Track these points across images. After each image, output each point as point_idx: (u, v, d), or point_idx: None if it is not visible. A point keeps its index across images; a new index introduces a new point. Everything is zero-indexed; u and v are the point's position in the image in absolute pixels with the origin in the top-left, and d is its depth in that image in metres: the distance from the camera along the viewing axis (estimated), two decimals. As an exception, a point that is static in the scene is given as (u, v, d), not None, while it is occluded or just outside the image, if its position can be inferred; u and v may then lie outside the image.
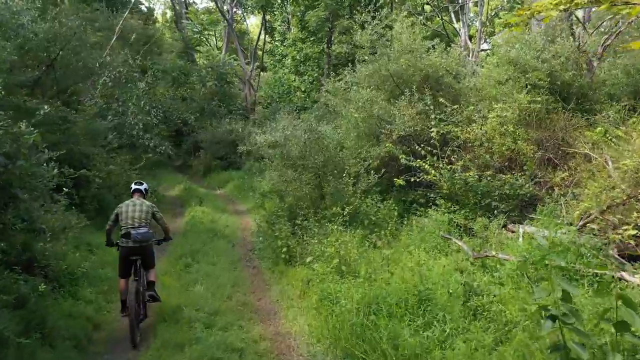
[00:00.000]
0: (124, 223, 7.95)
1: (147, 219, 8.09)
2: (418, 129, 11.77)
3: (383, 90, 13.32)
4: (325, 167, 11.44)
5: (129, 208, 8.07)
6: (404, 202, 12.49)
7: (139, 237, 7.77)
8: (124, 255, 7.84)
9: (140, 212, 8.07)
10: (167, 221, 8.45)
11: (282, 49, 36.58)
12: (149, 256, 8.12)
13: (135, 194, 8.51)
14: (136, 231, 7.80)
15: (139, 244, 7.81)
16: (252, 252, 12.60)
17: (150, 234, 8.00)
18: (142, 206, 8.17)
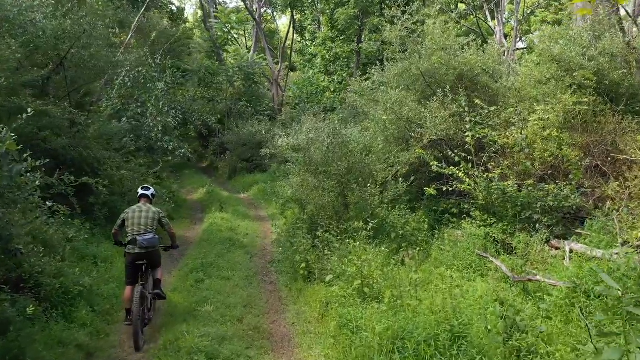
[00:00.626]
0: (130, 229, 7.89)
1: (153, 225, 8.05)
2: (451, 132, 10.78)
3: (413, 90, 12.34)
4: (349, 174, 10.51)
5: (135, 214, 8.01)
6: (434, 212, 11.52)
7: (145, 243, 7.77)
8: (130, 261, 7.81)
9: (147, 218, 8.02)
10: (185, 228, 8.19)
11: (312, 48, 35.76)
12: (155, 261, 8.14)
13: (141, 199, 8.46)
14: (142, 237, 7.80)
15: (145, 250, 7.81)
16: (270, 264, 11.74)
17: (157, 240, 7.99)
18: (149, 212, 8.11)
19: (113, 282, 9.31)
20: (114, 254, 10.55)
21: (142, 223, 7.91)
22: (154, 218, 8.10)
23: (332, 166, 10.57)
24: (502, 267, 7.74)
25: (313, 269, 9.27)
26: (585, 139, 10.35)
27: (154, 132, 16.22)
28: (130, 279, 7.77)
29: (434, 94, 11.56)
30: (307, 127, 14.58)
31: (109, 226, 11.77)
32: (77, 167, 11.90)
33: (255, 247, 13.50)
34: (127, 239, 7.90)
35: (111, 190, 12.23)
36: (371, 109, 13.69)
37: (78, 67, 12.33)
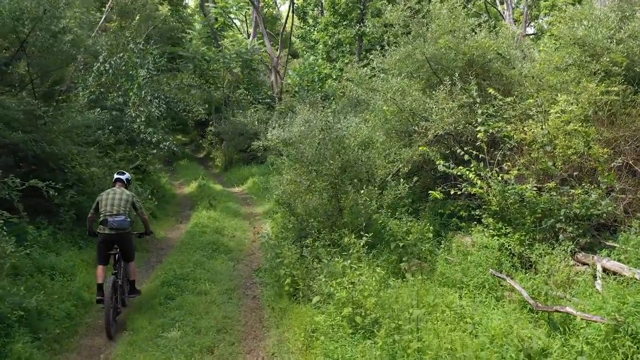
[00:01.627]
0: (103, 210, 7.98)
1: (126, 207, 8.10)
2: (460, 126, 9.43)
3: (417, 78, 10.97)
4: (343, 174, 9.19)
5: (109, 196, 8.12)
6: (440, 216, 10.20)
7: (115, 224, 7.83)
8: (100, 241, 7.96)
9: (120, 200, 8.10)
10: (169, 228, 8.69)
11: (314, 34, 34.34)
12: (127, 246, 8.19)
13: (116, 183, 8.54)
14: (113, 218, 7.87)
15: (116, 231, 7.89)
16: (256, 272, 10.47)
17: (128, 223, 8.01)
18: (122, 195, 8.20)
19: (70, 300, 8.05)
20: (76, 264, 9.32)
21: (114, 204, 8.00)
22: (127, 200, 8.17)
23: (323, 165, 9.25)
24: (523, 292, 6.44)
25: (299, 285, 7.99)
26: (614, 134, 9.03)
27: (136, 123, 14.97)
28: (101, 259, 7.96)
29: (441, 83, 10.22)
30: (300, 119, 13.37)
31: (76, 230, 10.60)
32: (41, 164, 10.68)
33: (242, 251, 12.24)
34: (99, 219, 7.96)
35: (80, 189, 10.99)
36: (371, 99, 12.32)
37: (43, 52, 11.00)
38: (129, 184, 8.78)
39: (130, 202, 8.22)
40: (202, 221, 13.96)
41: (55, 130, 10.99)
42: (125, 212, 8.04)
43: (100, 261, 7.96)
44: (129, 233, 8.17)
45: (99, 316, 8.12)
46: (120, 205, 8.04)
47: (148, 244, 12.19)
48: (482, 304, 6.77)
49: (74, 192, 10.68)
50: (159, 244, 12.55)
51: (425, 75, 10.86)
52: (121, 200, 8.10)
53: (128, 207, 8.15)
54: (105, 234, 7.90)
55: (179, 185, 22.37)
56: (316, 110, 15.58)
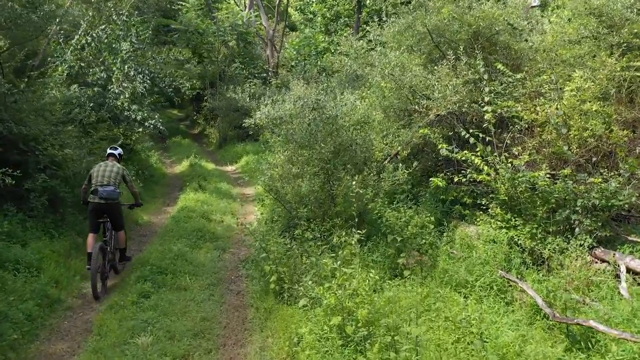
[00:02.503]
0: (94, 181, 8.48)
1: (116, 179, 8.61)
2: (464, 106, 8.56)
3: (418, 52, 10.06)
4: (336, 159, 8.33)
5: (101, 168, 8.63)
6: (442, 203, 9.39)
7: (104, 194, 8.32)
8: (91, 209, 8.47)
9: (111, 172, 8.61)
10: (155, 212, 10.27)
11: (312, 6, 33.23)
12: (116, 216, 8.75)
13: (109, 157, 9.06)
14: (103, 189, 8.36)
15: (105, 200, 8.38)
16: (243, 263, 9.69)
17: (117, 193, 8.54)
18: (113, 167, 8.71)
19: (33, 299, 7.26)
20: (45, 256, 8.50)
21: (105, 176, 8.50)
22: (118, 173, 8.68)
23: (314, 148, 8.40)
24: (538, 299, 5.65)
25: (286, 283, 7.20)
26: (635, 114, 8.20)
27: (119, 100, 14.09)
28: (92, 227, 8.46)
29: (444, 57, 9.34)
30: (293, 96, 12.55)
31: (49, 217, 9.80)
32: (10, 145, 9.84)
33: (230, 238, 11.45)
34: (91, 189, 8.45)
35: (53, 173, 10.16)
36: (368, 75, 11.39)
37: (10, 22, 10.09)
38: (120, 158, 9.27)
39: (120, 175, 8.72)
40: (190, 204, 13.16)
41: (26, 109, 10.15)
42: (115, 183, 8.55)
43: (91, 229, 8.45)
44: (117, 203, 8.72)
45: (65, 316, 7.39)
46: (111, 177, 8.54)
47: (129, 231, 11.39)
48: (489, 309, 6.00)
49: (46, 176, 9.84)
50: (141, 230, 11.77)
51: (427, 49, 9.96)
52: (112, 172, 8.60)
53: (118, 179, 8.65)
54: (95, 203, 8.39)
55: (171, 164, 21.56)
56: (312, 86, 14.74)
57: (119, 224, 8.84)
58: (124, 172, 8.89)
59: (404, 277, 7.12)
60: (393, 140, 9.16)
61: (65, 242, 9.45)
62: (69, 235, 9.76)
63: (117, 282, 8.68)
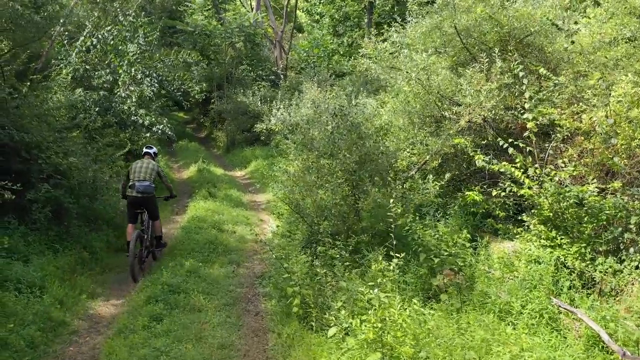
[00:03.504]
0: (132, 177, 9.38)
1: (151, 175, 9.45)
2: (501, 112, 7.94)
3: (445, 55, 9.43)
4: (362, 169, 7.71)
5: (138, 165, 9.52)
6: (473, 216, 8.79)
7: (141, 188, 9.20)
8: (129, 202, 9.36)
9: (147, 169, 9.45)
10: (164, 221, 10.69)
11: (320, 7, 32.65)
12: (152, 208, 9.61)
13: (145, 155, 9.94)
14: (140, 184, 9.24)
15: (142, 194, 9.23)
16: (259, 279, 9.09)
17: (152, 188, 9.41)
18: (149, 165, 9.55)
19: (36, 323, 6.67)
20: (49, 274, 7.92)
21: (142, 172, 9.37)
22: (153, 169, 9.53)
23: (337, 157, 7.78)
24: (603, 334, 5.02)
25: (311, 308, 6.59)
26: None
27: (126, 104, 13.52)
28: (130, 218, 9.37)
29: (473, 60, 8.73)
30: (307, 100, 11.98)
31: (52, 230, 9.22)
32: (11, 153, 9.26)
33: (244, 250, 10.84)
34: (129, 184, 9.32)
35: (57, 182, 9.57)
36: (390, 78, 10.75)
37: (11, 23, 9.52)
38: (155, 156, 10.15)
39: (155, 171, 9.57)
40: (200, 214, 12.56)
41: (28, 115, 9.59)
42: (150, 179, 9.40)
43: (129, 220, 9.37)
44: (153, 196, 9.53)
45: (71, 341, 6.79)
46: (147, 173, 9.39)
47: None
48: (544, 343, 5.38)
49: (50, 185, 9.26)
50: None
51: (455, 51, 9.33)
52: (147, 169, 9.45)
53: (153, 175, 9.50)
54: (133, 196, 9.25)
55: (178, 169, 20.97)
56: (325, 89, 14.16)
57: (154, 214, 9.69)
58: (158, 168, 9.74)
59: (440, 300, 6.52)
60: (421, 149, 8.55)
61: (70, 257, 8.87)
62: (73, 250, 9.18)
63: (127, 300, 8.08)
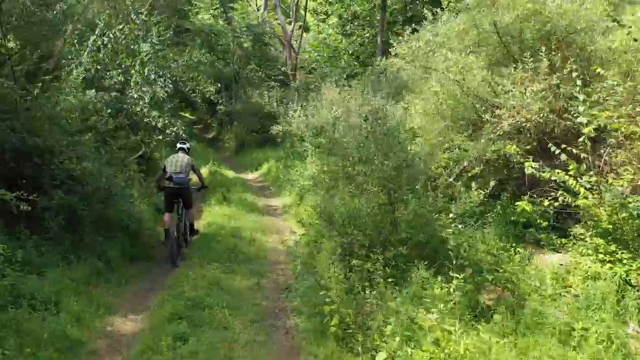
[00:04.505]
0: (169, 170, 9.97)
1: (186, 168, 10.10)
2: (550, 116, 7.41)
3: (482, 54, 8.86)
4: (398, 178, 7.17)
5: (174, 160, 10.18)
6: (513, 225, 8.26)
7: (177, 180, 9.85)
8: (167, 194, 10.14)
9: (182, 162, 10.10)
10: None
11: (326, 5, 32.08)
12: (187, 198, 10.24)
13: (179, 150, 10.53)
14: (176, 176, 9.87)
15: (178, 185, 9.90)
16: (285, 293, 8.57)
17: (187, 179, 10.14)
18: (184, 159, 10.21)
19: (52, 344, 6.15)
20: (64, 288, 7.41)
21: (178, 165, 10.03)
22: (188, 164, 10.19)
23: (373, 164, 7.24)
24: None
25: (351, 328, 6.07)
26: None
27: (139, 105, 13.01)
28: (167, 208, 10.12)
29: (513, 59, 8.21)
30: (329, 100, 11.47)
31: (66, 240, 8.69)
32: (22, 159, 8.76)
33: (265, 258, 10.33)
34: (166, 177, 9.95)
35: (70, 189, 9.06)
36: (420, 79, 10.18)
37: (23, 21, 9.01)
38: (189, 151, 10.76)
39: (189, 165, 10.23)
40: (217, 220, 12.09)
41: (40, 118, 9.08)
42: (185, 171, 10.09)
43: (167, 209, 10.12)
44: (188, 188, 10.25)
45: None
46: (182, 166, 10.05)
47: (152, 251, 10.36)
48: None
49: (63, 192, 8.76)
50: (165, 249, 10.62)
51: (493, 50, 8.78)
52: (183, 162, 10.12)
53: (188, 168, 10.17)
54: (170, 188, 9.97)
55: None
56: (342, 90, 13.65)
57: (189, 203, 10.34)
58: (192, 162, 10.39)
59: (489, 320, 6.00)
60: (459, 154, 8.03)
61: (85, 268, 8.32)
62: (88, 260, 8.61)
63: (146, 316, 7.56)
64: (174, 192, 10.02)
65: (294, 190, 14.40)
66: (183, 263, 9.65)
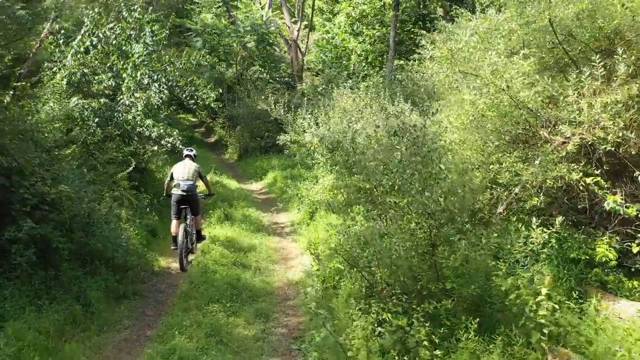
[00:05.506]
0: (176, 177, 10.11)
1: (194, 175, 10.20)
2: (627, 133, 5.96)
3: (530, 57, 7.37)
4: (443, 212, 5.73)
5: (181, 167, 10.28)
6: (574, 263, 6.83)
7: (185, 187, 9.98)
8: (175, 200, 10.07)
9: (190, 169, 10.21)
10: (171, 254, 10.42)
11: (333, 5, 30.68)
12: (194, 204, 10.28)
13: (186, 157, 10.63)
14: (184, 182, 10.00)
15: (186, 192, 10.00)
16: (297, 342, 7.16)
17: (194, 186, 10.23)
18: (191, 166, 10.33)
19: None
20: (28, 344, 6.00)
21: (185, 172, 10.08)
22: (195, 170, 10.26)
23: (409, 194, 5.81)
24: None
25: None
26: None
27: (131, 113, 11.65)
28: (175, 214, 10.02)
29: (574, 64, 6.77)
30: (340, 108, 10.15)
31: (37, 277, 7.29)
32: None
33: (272, 294, 8.91)
34: (174, 184, 10.07)
35: (44, 216, 7.66)
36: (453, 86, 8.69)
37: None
38: (195, 157, 10.80)
39: (197, 172, 10.30)
40: (217, 248, 10.66)
41: (9, 132, 7.70)
42: (193, 178, 10.11)
43: (175, 216, 10.00)
44: (195, 194, 10.24)
45: None
46: (190, 173, 10.09)
47: (144, 285, 8.95)
48: None
49: (35, 221, 7.34)
50: (157, 283, 9.24)
51: (549, 53, 7.31)
52: (190, 169, 10.17)
53: (195, 175, 10.22)
54: (178, 194, 9.98)
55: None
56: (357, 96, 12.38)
57: (196, 210, 10.29)
58: (199, 169, 10.48)
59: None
60: (511, 179, 6.59)
61: (58, 314, 6.88)
62: (64, 303, 7.20)
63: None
64: (182, 199, 10.00)
65: (303, 206, 12.98)
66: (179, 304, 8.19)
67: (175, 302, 8.26)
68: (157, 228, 11.53)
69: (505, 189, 6.78)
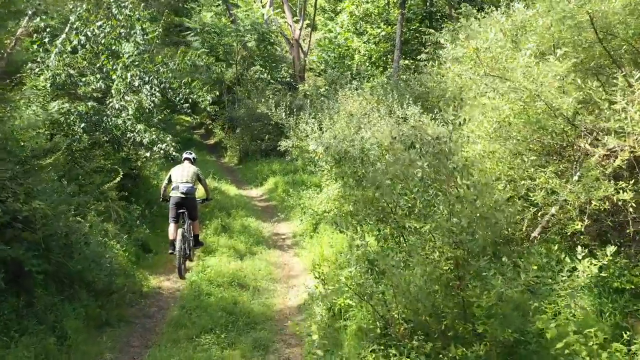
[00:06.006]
0: (175, 179, 10.08)
1: (192, 178, 10.18)
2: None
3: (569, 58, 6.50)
4: (472, 241, 4.87)
5: (179, 170, 10.26)
6: (617, 293, 5.98)
7: (184, 189, 9.90)
8: (173, 203, 9.93)
9: (188, 172, 10.21)
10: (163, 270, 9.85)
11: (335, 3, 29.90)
12: (192, 208, 10.15)
13: (185, 160, 10.61)
14: (183, 185, 9.95)
15: (184, 195, 9.91)
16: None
17: (193, 189, 10.14)
18: (190, 169, 10.34)
19: None
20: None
21: (184, 175, 10.13)
22: (194, 173, 10.32)
23: (434, 220, 4.95)
24: None
25: None
26: None
27: (120, 117, 10.81)
28: (173, 217, 9.87)
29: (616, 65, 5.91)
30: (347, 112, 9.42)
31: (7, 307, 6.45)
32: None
33: (272, 321, 8.01)
34: (172, 187, 10.05)
35: (16, 235, 6.82)
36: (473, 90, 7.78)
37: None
38: (195, 161, 10.83)
39: (195, 175, 10.28)
40: (212, 263, 9.81)
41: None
42: (191, 181, 10.07)
43: (172, 220, 9.80)
44: (193, 197, 10.18)
45: None
46: (188, 176, 10.08)
47: (130, 310, 8.09)
48: None
49: (4, 242, 6.50)
50: (146, 306, 8.37)
51: (587, 54, 6.44)
52: (189, 172, 10.16)
53: (194, 178, 10.18)
54: (177, 197, 9.86)
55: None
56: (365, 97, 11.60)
57: (194, 214, 10.16)
58: (198, 172, 10.45)
59: None
60: (546, 197, 5.73)
61: (27, 350, 6.04)
62: (36, 335, 6.35)
63: None
64: (180, 202, 9.88)
65: (306, 217, 12.12)
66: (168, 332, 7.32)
67: (164, 331, 7.40)
68: (149, 242, 10.67)
69: (539, 209, 5.91)
